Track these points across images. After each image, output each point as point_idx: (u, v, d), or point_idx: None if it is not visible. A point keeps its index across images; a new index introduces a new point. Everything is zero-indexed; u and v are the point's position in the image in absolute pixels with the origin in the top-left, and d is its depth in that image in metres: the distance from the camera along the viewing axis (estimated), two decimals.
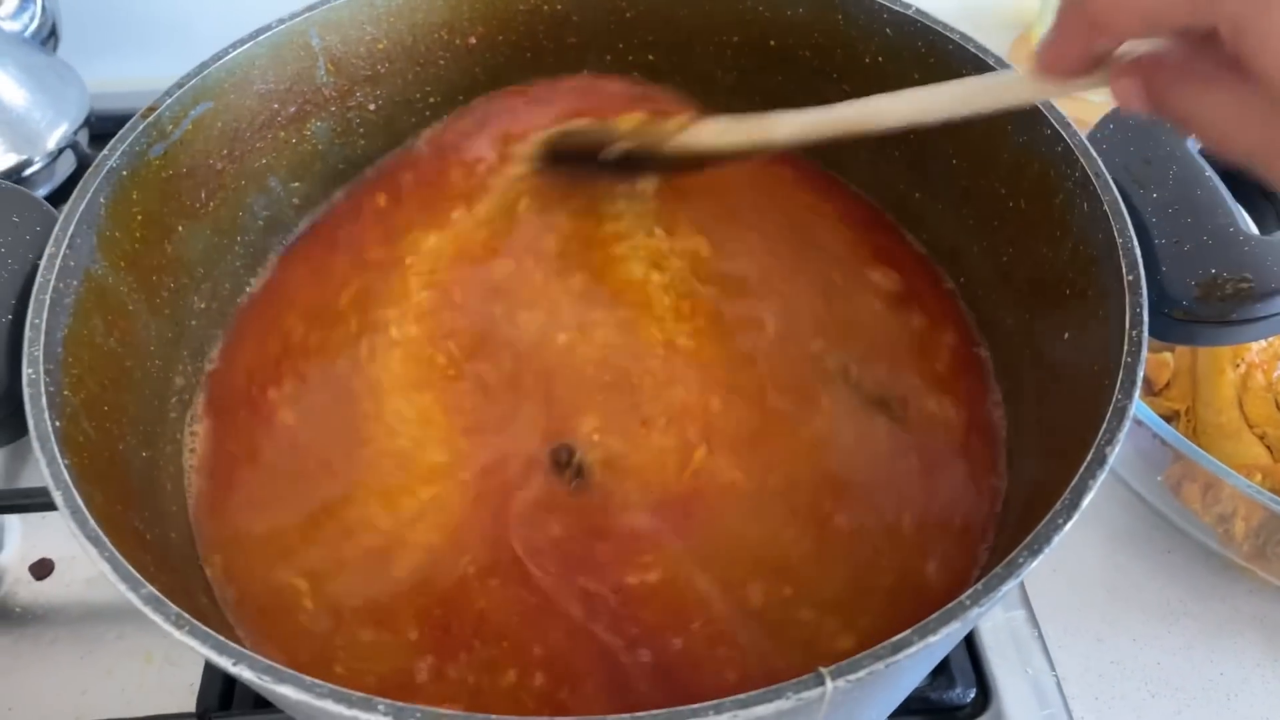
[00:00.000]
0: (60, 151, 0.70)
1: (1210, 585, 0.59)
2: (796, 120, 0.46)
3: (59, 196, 0.73)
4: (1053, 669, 0.56)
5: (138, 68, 0.85)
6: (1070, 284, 0.44)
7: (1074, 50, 0.34)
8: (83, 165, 0.74)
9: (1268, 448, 0.58)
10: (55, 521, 0.58)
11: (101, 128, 0.79)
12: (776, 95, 0.58)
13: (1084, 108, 0.82)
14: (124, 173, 0.46)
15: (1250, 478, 0.55)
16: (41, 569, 0.60)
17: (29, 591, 0.60)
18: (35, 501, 0.55)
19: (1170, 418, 0.61)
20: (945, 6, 0.91)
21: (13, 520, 0.62)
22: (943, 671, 0.54)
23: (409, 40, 0.56)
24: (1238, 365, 0.59)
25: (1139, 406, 0.51)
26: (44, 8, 0.73)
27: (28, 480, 0.64)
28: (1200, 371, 0.60)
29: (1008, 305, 0.50)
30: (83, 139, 0.74)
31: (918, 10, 0.51)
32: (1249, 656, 0.57)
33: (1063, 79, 0.35)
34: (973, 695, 0.54)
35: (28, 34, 0.73)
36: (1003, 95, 0.40)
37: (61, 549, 0.61)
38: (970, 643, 0.56)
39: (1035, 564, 0.32)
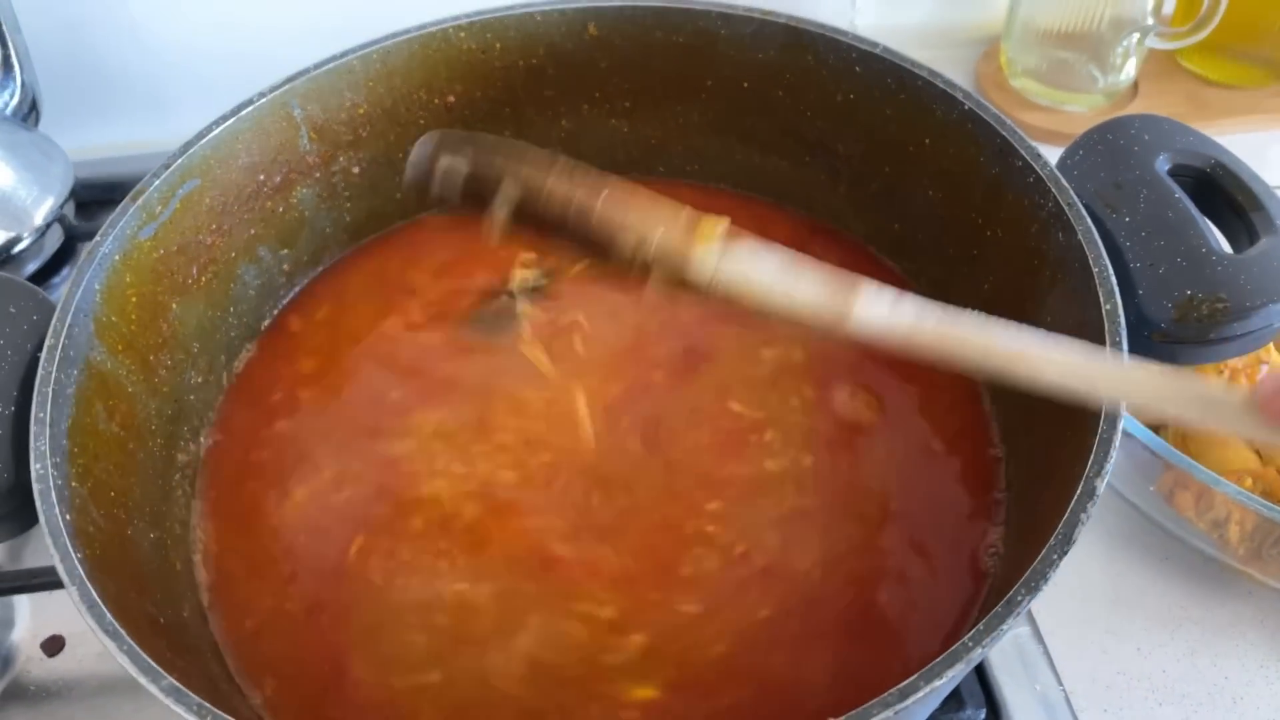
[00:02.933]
0: (48, 226, 0.71)
1: (1209, 590, 0.60)
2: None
3: (49, 270, 0.74)
4: (1060, 683, 0.57)
5: (119, 133, 0.86)
6: (1052, 312, 0.45)
7: None
8: (70, 238, 0.74)
9: (1256, 451, 0.59)
10: (64, 598, 0.59)
11: (87, 196, 0.80)
12: (753, 135, 0.60)
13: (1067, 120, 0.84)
14: (116, 257, 0.46)
15: (1240, 483, 0.56)
16: (53, 646, 0.60)
17: (42, 669, 0.60)
18: (43, 581, 0.56)
19: (1159, 427, 0.62)
20: (912, 25, 0.93)
21: (21, 599, 0.62)
22: (952, 694, 0.54)
23: (389, 103, 0.57)
24: (1221, 371, 0.60)
25: (1127, 419, 0.52)
26: (23, 83, 0.74)
27: (32, 558, 0.64)
28: None
29: None
30: (69, 211, 0.75)
31: (885, 49, 0.52)
32: (1252, 659, 0.57)
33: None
34: (983, 716, 0.54)
35: (8, 111, 0.73)
36: (1220, 416, 0.33)
37: (71, 625, 0.61)
38: (978, 663, 0.56)
39: (1034, 600, 0.32)
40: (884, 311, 0.35)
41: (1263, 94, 0.88)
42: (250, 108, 0.52)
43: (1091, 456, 0.36)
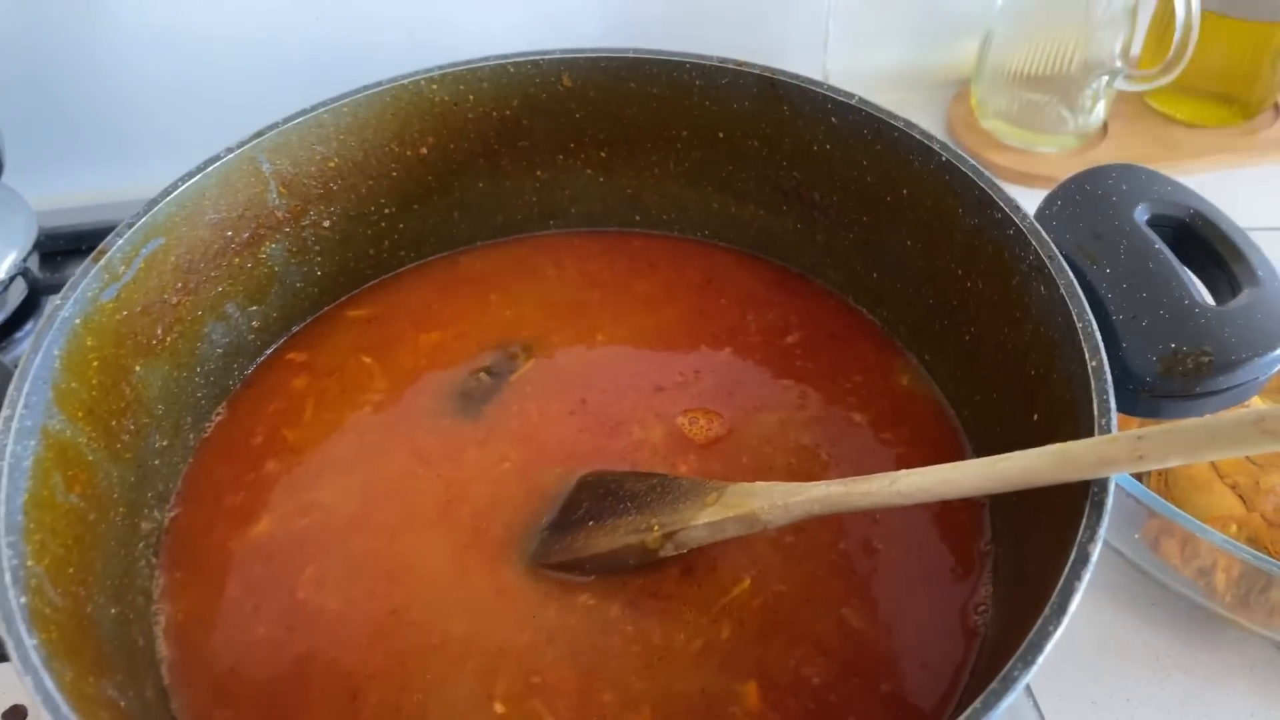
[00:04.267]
0: (10, 280, 0.69)
1: (1197, 637, 0.60)
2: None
3: (12, 325, 0.72)
4: None
5: (85, 182, 0.85)
6: (1035, 364, 0.44)
7: None
8: (34, 290, 0.73)
9: (1240, 497, 0.58)
10: None
11: (51, 246, 0.78)
12: (729, 184, 0.60)
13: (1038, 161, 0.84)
14: (77, 321, 0.45)
15: (1225, 529, 0.55)
16: (14, 716, 0.58)
17: None
18: (3, 652, 0.54)
19: (1141, 474, 0.62)
20: (884, 67, 0.94)
21: None
22: None
23: (359, 156, 0.57)
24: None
25: None
26: None
27: None
28: None
29: (974, 382, 0.50)
30: (33, 264, 0.73)
31: (860, 99, 0.52)
32: (1243, 707, 0.57)
33: None
34: None
35: None
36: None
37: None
38: None
39: (1030, 675, 0.31)
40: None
41: (1231, 133, 0.89)
42: (217, 163, 0.51)
43: (1084, 521, 0.35)
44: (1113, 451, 0.35)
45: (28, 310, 0.73)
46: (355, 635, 0.44)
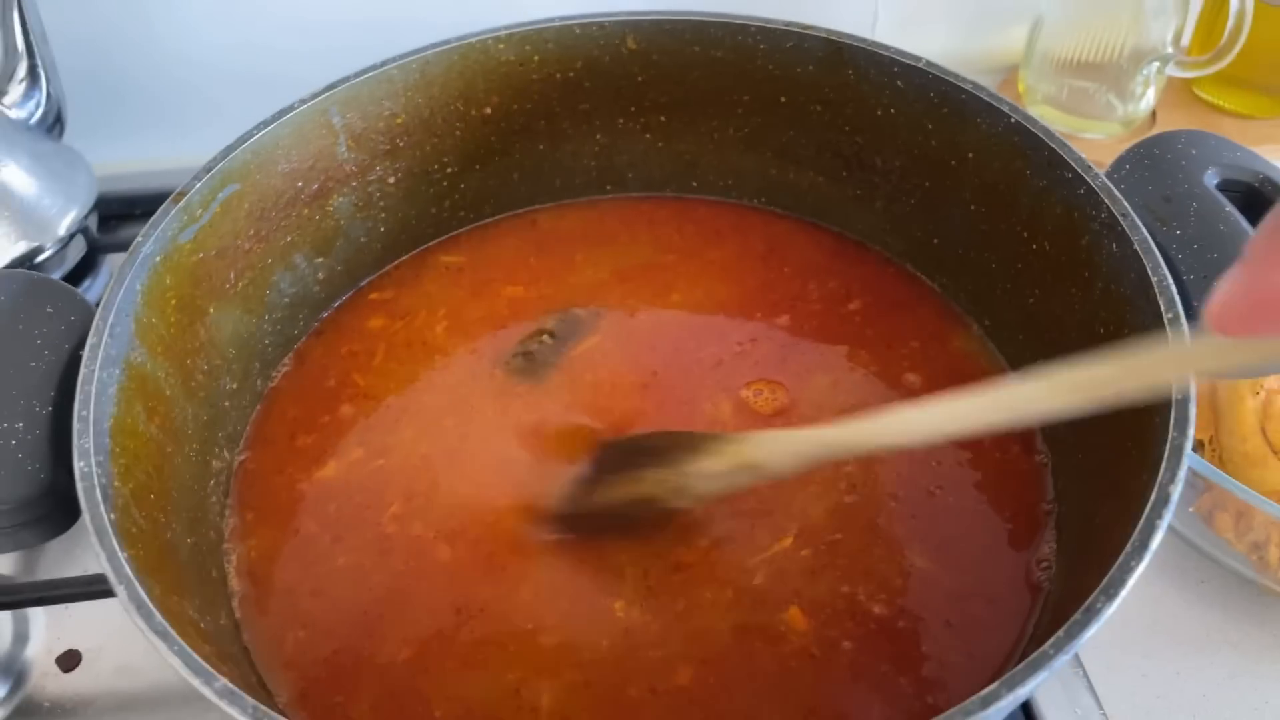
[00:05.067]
0: (71, 237, 0.70)
1: (1248, 613, 0.59)
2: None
3: (70, 281, 0.72)
4: (1100, 707, 0.56)
5: (139, 150, 0.86)
6: (1104, 323, 0.45)
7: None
8: (93, 250, 0.74)
9: None
10: (80, 611, 0.58)
11: (107, 210, 0.79)
12: (789, 150, 0.60)
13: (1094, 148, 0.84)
14: (157, 259, 0.46)
15: None
16: (69, 661, 0.59)
17: (57, 685, 0.58)
18: (61, 594, 0.54)
19: (1194, 448, 0.61)
20: (930, 52, 0.93)
21: (37, 612, 0.61)
22: None
23: (426, 114, 0.57)
24: (1258, 393, 0.59)
25: None
26: (49, 94, 0.74)
27: (47, 570, 0.63)
28: (1221, 400, 0.61)
29: (1039, 347, 0.50)
30: (92, 223, 0.74)
31: (928, 62, 0.53)
32: None
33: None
34: None
35: (34, 122, 0.73)
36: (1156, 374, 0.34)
37: (88, 640, 0.60)
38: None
39: (1113, 608, 0.32)
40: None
41: (1277, 124, 0.89)
42: (291, 113, 0.52)
43: (1164, 464, 0.35)
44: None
45: (86, 269, 0.74)
46: (447, 564, 0.45)
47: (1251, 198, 0.47)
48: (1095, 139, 0.88)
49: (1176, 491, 0.34)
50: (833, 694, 0.41)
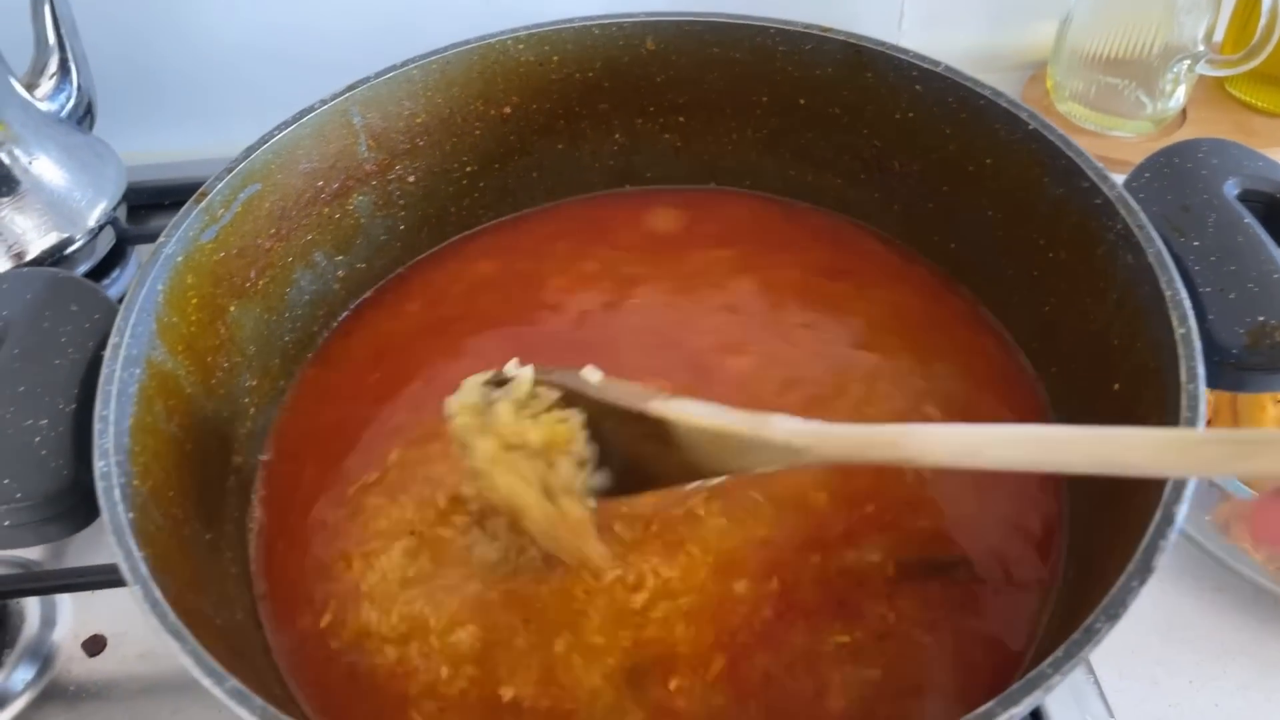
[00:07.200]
0: (100, 229, 0.71)
1: (1263, 623, 0.59)
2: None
3: (99, 272, 0.74)
4: (1111, 714, 0.56)
5: (169, 141, 0.87)
6: (1118, 334, 0.44)
7: None
8: (122, 241, 0.75)
9: None
10: (105, 597, 0.60)
11: (136, 200, 0.80)
12: (808, 152, 0.60)
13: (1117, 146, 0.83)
14: (179, 258, 0.47)
15: None
16: (94, 645, 0.61)
17: (83, 669, 0.60)
18: (87, 580, 0.56)
19: None
20: (959, 48, 0.93)
21: (63, 598, 0.62)
22: None
23: (446, 113, 0.58)
24: (1278, 401, 0.59)
25: None
26: (80, 87, 0.75)
27: (74, 557, 0.64)
28: (1241, 409, 0.60)
29: (1052, 353, 0.50)
30: (121, 214, 0.75)
31: (947, 67, 0.52)
32: None
33: None
34: None
35: (64, 113, 0.74)
36: None
37: (113, 625, 0.61)
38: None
39: (1114, 628, 0.32)
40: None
41: None
42: (311, 114, 0.52)
43: (1169, 485, 0.35)
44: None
45: (115, 259, 0.76)
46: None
47: (1273, 209, 0.46)
48: (1124, 137, 0.87)
49: (1181, 511, 0.34)
50: None
